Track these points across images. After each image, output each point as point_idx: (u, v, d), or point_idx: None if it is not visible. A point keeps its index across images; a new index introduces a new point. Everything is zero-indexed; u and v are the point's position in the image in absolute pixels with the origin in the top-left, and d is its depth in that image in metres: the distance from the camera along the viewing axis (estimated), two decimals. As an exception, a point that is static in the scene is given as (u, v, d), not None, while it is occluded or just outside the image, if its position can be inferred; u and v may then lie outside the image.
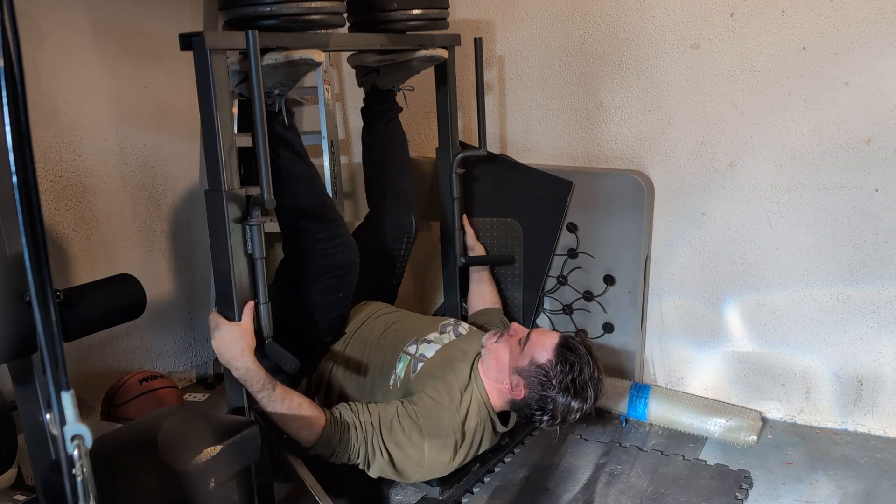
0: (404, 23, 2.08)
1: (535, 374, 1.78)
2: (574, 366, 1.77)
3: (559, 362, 1.78)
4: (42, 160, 2.20)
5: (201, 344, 2.80)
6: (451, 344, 1.98)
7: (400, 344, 1.97)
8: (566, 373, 1.77)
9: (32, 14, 2.15)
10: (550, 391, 1.77)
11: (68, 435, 0.86)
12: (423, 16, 2.10)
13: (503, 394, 1.86)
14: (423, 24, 2.12)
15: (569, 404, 1.78)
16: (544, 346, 1.81)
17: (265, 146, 1.60)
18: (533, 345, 1.82)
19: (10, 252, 1.27)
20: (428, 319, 2.11)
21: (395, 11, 2.04)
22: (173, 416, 1.51)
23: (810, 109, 2.07)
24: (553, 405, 1.79)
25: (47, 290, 0.85)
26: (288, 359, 1.68)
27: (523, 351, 1.82)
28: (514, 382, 1.82)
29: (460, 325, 2.09)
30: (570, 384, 1.76)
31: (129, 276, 1.64)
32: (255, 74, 1.56)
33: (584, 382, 1.78)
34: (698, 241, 2.30)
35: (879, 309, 2.10)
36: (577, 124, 2.43)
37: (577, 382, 1.77)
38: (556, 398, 1.78)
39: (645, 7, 2.23)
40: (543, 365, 1.78)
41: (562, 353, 1.79)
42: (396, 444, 1.74)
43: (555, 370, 1.77)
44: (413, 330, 2.02)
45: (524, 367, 1.80)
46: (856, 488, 1.91)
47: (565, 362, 1.78)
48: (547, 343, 1.81)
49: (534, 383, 1.79)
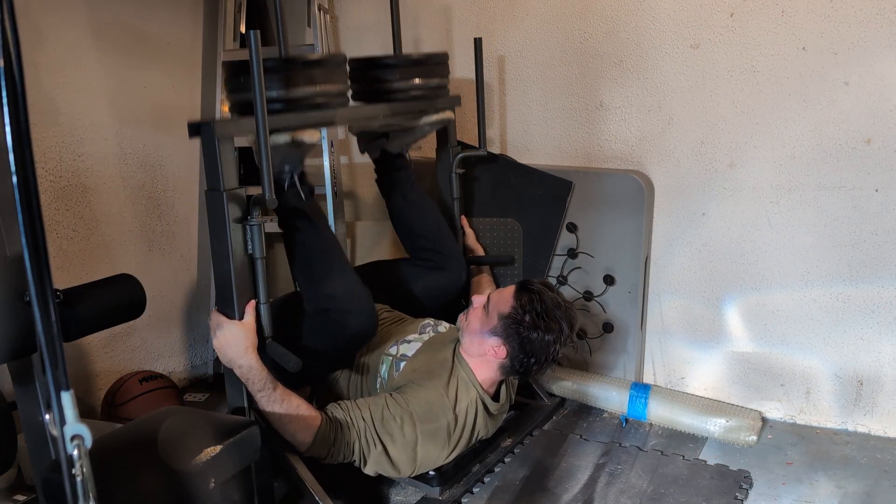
0: (407, 92, 2.12)
1: (505, 325, 1.82)
2: (534, 301, 1.82)
3: (520, 304, 1.82)
4: (42, 160, 2.20)
5: (201, 344, 2.80)
6: (431, 340, 2.01)
7: (382, 347, 1.99)
8: (529, 310, 1.80)
9: (32, 14, 2.15)
10: (524, 332, 1.81)
11: (68, 435, 0.86)
12: (426, 85, 2.15)
13: (490, 363, 1.87)
14: (426, 93, 2.17)
15: (544, 338, 1.81)
16: (504, 299, 1.86)
17: (266, 146, 1.60)
18: (495, 302, 1.87)
19: (10, 252, 1.27)
20: (410, 321, 2.13)
21: (397, 82, 2.09)
22: (173, 416, 1.51)
23: (810, 109, 2.07)
24: (531, 346, 1.81)
25: (47, 290, 0.85)
26: (289, 358, 1.68)
27: (489, 313, 1.85)
28: (493, 344, 1.84)
29: (440, 324, 2.11)
30: (538, 318, 1.80)
31: (129, 276, 1.64)
32: (256, 75, 1.55)
33: (549, 311, 1.81)
34: (698, 241, 2.30)
35: (879, 309, 2.10)
36: (577, 124, 2.43)
37: (544, 315, 1.81)
38: (531, 337, 1.80)
39: (645, 7, 2.23)
40: (509, 314, 1.82)
41: (520, 295, 1.84)
42: (390, 435, 1.75)
43: (519, 313, 1.81)
44: (394, 332, 2.05)
45: (495, 325, 1.83)
46: (856, 488, 1.91)
47: (525, 301, 1.82)
48: (505, 294, 1.87)
49: (509, 334, 1.82)
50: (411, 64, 2.13)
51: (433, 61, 2.19)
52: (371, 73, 2.10)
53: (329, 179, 2.64)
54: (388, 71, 2.09)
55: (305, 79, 1.74)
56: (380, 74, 2.09)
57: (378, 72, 2.09)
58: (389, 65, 2.10)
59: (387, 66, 2.09)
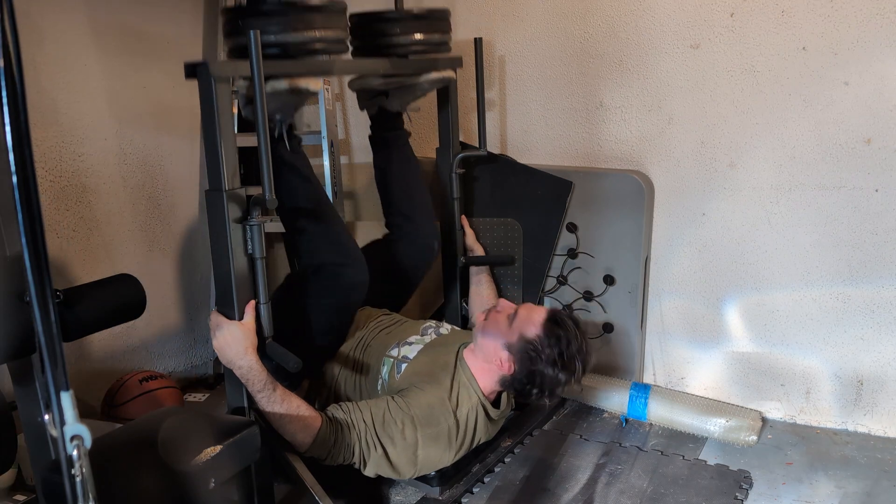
0: (408, 47, 2.10)
1: (524, 348, 1.80)
2: (562, 340, 1.79)
3: (547, 336, 1.80)
4: (42, 160, 2.20)
5: (201, 344, 2.80)
6: (433, 342, 2.00)
7: (383, 349, 1.99)
8: (554, 347, 1.79)
9: (32, 14, 2.15)
10: (539, 365, 1.79)
11: (68, 435, 0.86)
12: (427, 40, 2.12)
13: (493, 373, 1.86)
14: (427, 48, 2.14)
15: (556, 377, 1.80)
16: (532, 321, 1.82)
17: (267, 145, 1.60)
18: (521, 320, 1.84)
19: (10, 252, 1.26)
20: (411, 323, 2.12)
21: (398, 36, 2.06)
22: (173, 416, 1.51)
23: (810, 109, 2.07)
24: (541, 379, 1.80)
25: (47, 290, 0.85)
26: (290, 358, 1.68)
27: (512, 326, 1.83)
28: (503, 358, 1.83)
29: (442, 325, 2.11)
30: (558, 358, 1.79)
31: (129, 276, 1.64)
32: (256, 74, 1.56)
33: (571, 356, 1.80)
34: (698, 241, 2.30)
35: (879, 309, 2.10)
36: (577, 124, 2.43)
37: (565, 356, 1.79)
38: (544, 371, 1.79)
39: (645, 7, 2.23)
40: (532, 340, 1.80)
41: (550, 327, 1.81)
42: (390, 438, 1.75)
43: (543, 344, 1.79)
44: (396, 334, 2.04)
45: (513, 343, 1.81)
46: (856, 488, 1.91)
47: (553, 336, 1.80)
48: (535, 318, 1.83)
49: (523, 358, 1.80)
50: (412, 18, 2.10)
51: (435, 16, 2.16)
52: (371, 27, 2.07)
53: (329, 179, 2.64)
54: (389, 25, 2.06)
55: (305, 23, 1.71)
56: (380, 28, 2.06)
57: (379, 25, 2.07)
58: (390, 19, 2.07)
59: (388, 20, 2.07)
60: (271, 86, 1.68)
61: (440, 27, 2.17)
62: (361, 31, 2.09)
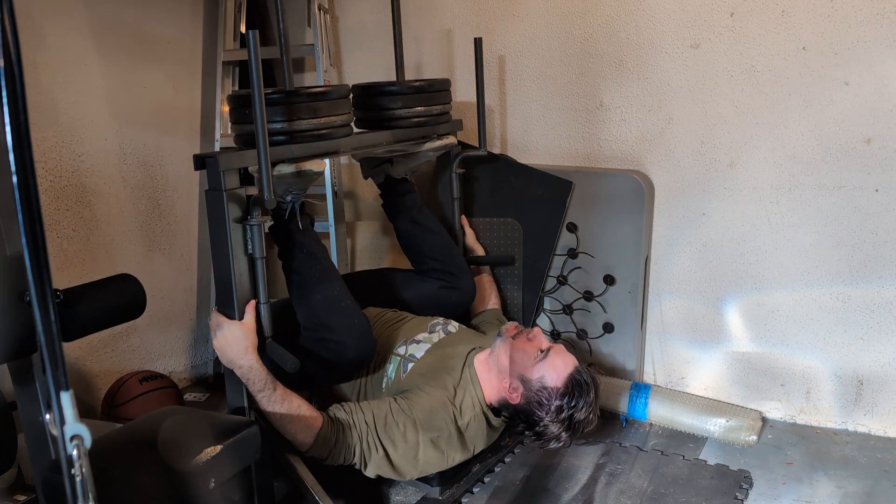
0: (410, 119, 2.13)
1: (538, 392, 1.79)
2: (577, 404, 1.77)
3: (564, 394, 1.78)
4: (42, 160, 2.20)
5: (201, 344, 2.80)
6: (441, 342, 1.99)
7: (390, 346, 1.98)
8: (565, 407, 1.77)
9: (33, 14, 2.15)
10: (543, 415, 1.78)
11: (68, 435, 0.86)
12: (428, 112, 2.17)
13: (498, 391, 1.86)
14: (429, 120, 2.18)
15: (555, 433, 1.79)
16: (557, 370, 1.79)
17: (265, 144, 1.59)
18: (548, 364, 1.80)
19: (10, 252, 1.26)
20: (419, 320, 2.11)
21: (400, 109, 2.10)
22: (173, 416, 1.51)
23: (810, 109, 2.07)
24: (541, 428, 1.80)
25: (47, 290, 0.85)
26: (288, 358, 1.68)
27: (537, 364, 1.80)
28: (514, 386, 1.81)
29: (450, 323, 2.10)
30: (567, 418, 1.78)
31: (129, 276, 1.64)
32: (255, 75, 1.55)
33: (577, 422, 1.79)
34: (698, 241, 2.30)
35: (879, 309, 2.10)
36: (577, 124, 2.43)
37: (572, 420, 1.78)
38: (547, 423, 1.79)
39: (645, 7, 2.23)
40: (549, 389, 1.78)
41: (571, 386, 1.78)
42: (391, 440, 1.74)
43: (555, 400, 1.77)
44: (403, 331, 2.03)
45: (530, 381, 1.80)
46: (856, 488, 1.91)
47: (569, 395, 1.77)
48: (561, 368, 1.80)
49: (532, 399, 1.79)
50: (414, 91, 2.14)
51: (435, 88, 2.20)
52: (374, 100, 2.11)
53: (329, 179, 2.64)
54: (391, 99, 2.10)
55: (309, 111, 1.75)
56: (382, 102, 2.10)
57: (381, 99, 2.11)
58: (392, 92, 2.11)
59: (389, 93, 2.11)
60: (278, 169, 1.70)
61: (441, 98, 2.21)
62: (364, 103, 2.13)
